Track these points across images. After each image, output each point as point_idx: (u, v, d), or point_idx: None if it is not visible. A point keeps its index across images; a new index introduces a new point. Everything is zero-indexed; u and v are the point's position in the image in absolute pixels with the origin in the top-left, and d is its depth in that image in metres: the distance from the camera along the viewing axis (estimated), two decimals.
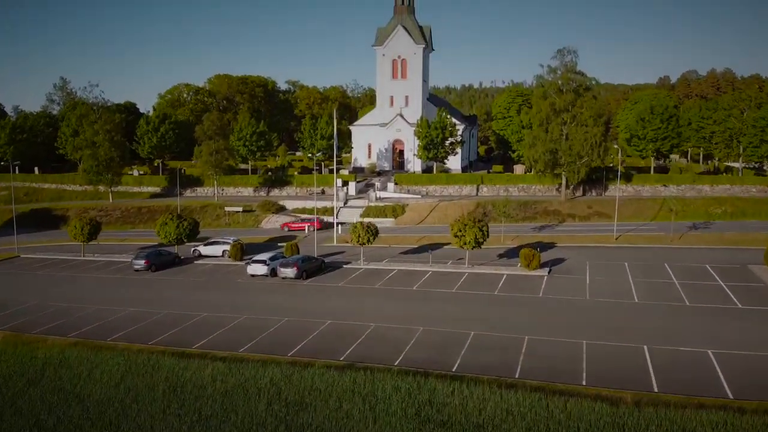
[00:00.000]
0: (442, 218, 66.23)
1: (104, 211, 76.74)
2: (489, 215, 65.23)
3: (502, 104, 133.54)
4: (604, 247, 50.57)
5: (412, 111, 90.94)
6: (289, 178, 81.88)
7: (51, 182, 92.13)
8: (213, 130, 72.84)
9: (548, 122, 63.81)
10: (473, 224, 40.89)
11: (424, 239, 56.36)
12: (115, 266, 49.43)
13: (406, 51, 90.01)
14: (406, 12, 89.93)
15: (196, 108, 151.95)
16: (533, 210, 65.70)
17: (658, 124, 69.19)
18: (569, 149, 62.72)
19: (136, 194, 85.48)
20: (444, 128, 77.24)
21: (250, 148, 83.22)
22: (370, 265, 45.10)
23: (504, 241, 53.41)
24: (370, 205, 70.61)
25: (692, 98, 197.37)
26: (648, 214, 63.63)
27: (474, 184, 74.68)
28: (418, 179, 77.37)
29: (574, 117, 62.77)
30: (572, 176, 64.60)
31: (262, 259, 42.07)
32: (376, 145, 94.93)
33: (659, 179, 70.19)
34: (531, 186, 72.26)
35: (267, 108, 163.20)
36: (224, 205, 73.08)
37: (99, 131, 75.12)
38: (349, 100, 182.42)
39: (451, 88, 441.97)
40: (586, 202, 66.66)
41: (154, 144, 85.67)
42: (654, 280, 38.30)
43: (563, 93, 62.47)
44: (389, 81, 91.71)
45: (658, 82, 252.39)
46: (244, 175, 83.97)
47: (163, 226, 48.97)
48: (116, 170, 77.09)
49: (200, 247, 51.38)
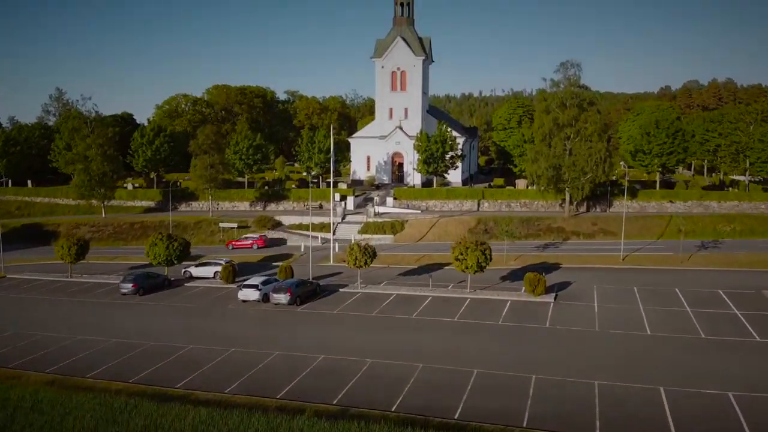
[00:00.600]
0: (443, 235, 64.46)
1: (96, 226, 74.93)
2: (490, 232, 63.50)
3: (502, 115, 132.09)
4: (610, 268, 48.72)
5: (412, 123, 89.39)
6: (287, 192, 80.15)
7: (44, 195, 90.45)
8: (208, 144, 71.17)
9: (551, 137, 62.13)
10: (475, 247, 39.06)
11: (424, 258, 54.52)
12: (103, 289, 47.53)
13: (406, 63, 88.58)
14: (406, 23, 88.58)
15: (194, 119, 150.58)
16: (536, 227, 63.87)
17: (664, 138, 67.49)
18: (573, 165, 61.02)
19: (129, 208, 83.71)
20: (444, 142, 75.60)
21: (247, 162, 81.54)
22: (367, 288, 43.22)
23: (507, 262, 51.55)
24: (368, 221, 68.80)
25: (694, 108, 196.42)
26: (654, 232, 61.82)
27: (475, 199, 72.91)
28: (417, 194, 75.64)
29: (578, 132, 61.11)
30: (576, 192, 62.86)
31: (254, 284, 40.20)
32: (375, 157, 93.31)
33: (665, 195, 68.42)
34: (533, 201, 70.50)
35: (266, 118, 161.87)
36: (219, 220, 71.25)
37: (91, 145, 73.46)
38: (348, 110, 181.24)
39: (451, 96, 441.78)
40: (591, 219, 64.86)
41: (149, 157, 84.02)
42: (665, 308, 36.43)
43: (567, 108, 60.82)
44: (388, 93, 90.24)
45: (659, 92, 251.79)
46: (240, 189, 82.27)
47: (152, 246, 47.16)
48: (109, 185, 75.34)
49: (191, 269, 49.51)
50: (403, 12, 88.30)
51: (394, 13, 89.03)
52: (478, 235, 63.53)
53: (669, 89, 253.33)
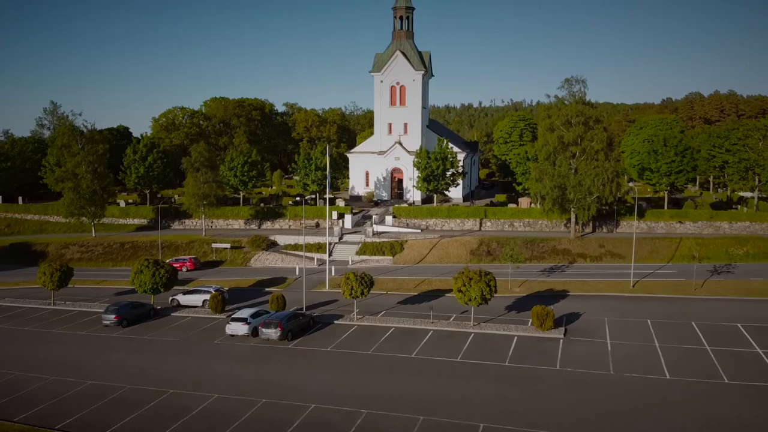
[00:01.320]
0: (444, 257, 62.05)
1: (85, 246, 72.48)
2: (493, 254, 61.10)
3: (504, 129, 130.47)
4: (621, 297, 46.26)
5: (412, 139, 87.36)
6: (282, 210, 77.78)
7: (34, 213, 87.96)
8: (201, 161, 68.89)
9: (555, 155, 59.90)
10: (479, 278, 36.65)
11: (424, 284, 52.08)
12: (85, 318, 45.00)
13: (405, 77, 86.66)
14: (405, 37, 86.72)
15: (191, 132, 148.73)
16: (540, 248, 61.45)
17: (672, 156, 65.21)
18: (579, 185, 58.71)
19: (121, 226, 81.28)
20: (445, 159, 73.39)
21: (242, 179, 79.27)
22: (364, 320, 40.76)
23: (511, 288, 49.12)
24: (366, 241, 66.39)
25: (696, 120, 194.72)
26: (664, 254, 59.39)
27: (477, 218, 70.55)
28: (417, 212, 73.31)
29: (583, 150, 58.85)
30: (582, 213, 60.51)
31: (243, 317, 37.72)
32: (374, 173, 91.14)
33: (674, 215, 66.04)
34: (537, 221, 68.13)
35: (264, 131, 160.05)
36: (212, 240, 68.87)
37: (81, 162, 71.22)
38: (347, 123, 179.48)
39: (451, 107, 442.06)
40: (597, 241, 62.45)
41: (142, 174, 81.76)
42: (683, 346, 33.96)
43: (572, 125, 58.63)
44: (387, 108, 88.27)
45: (661, 104, 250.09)
46: (235, 207, 79.90)
47: (137, 274, 44.73)
48: (99, 203, 72.96)
49: (179, 296, 47.02)
50: (403, 26, 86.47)
51: (394, 27, 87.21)
52: (481, 257, 61.21)
53: (671, 101, 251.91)
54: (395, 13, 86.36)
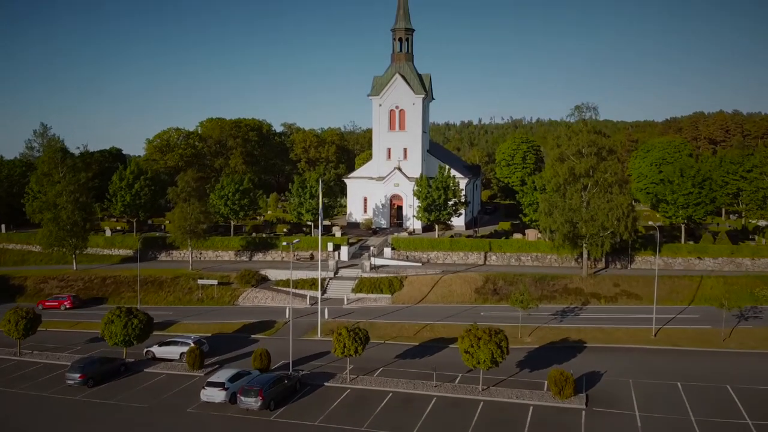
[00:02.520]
0: (446, 295, 57.68)
1: (65, 281, 68.09)
2: (500, 293, 56.75)
3: (506, 151, 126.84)
4: (643, 350, 41.89)
5: (411, 164, 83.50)
6: (275, 241, 73.51)
7: (16, 242, 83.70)
8: (188, 191, 64.78)
9: (566, 187, 55.82)
10: (489, 338, 32.34)
11: (426, 330, 47.68)
12: (50, 374, 40.40)
13: (405, 101, 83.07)
14: (405, 60, 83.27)
15: (186, 153, 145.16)
16: (551, 287, 57.10)
17: (689, 188, 61.12)
18: (591, 219, 54.56)
19: (105, 257, 76.92)
20: (446, 188, 69.34)
21: (233, 208, 75.13)
22: (358, 381, 36.29)
23: (521, 337, 44.75)
24: (363, 277, 62.08)
25: (701, 141, 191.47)
26: (684, 295, 55.03)
27: (481, 251, 66.23)
28: (418, 244, 69.01)
29: (596, 183, 54.80)
30: (595, 250, 56.29)
31: (220, 382, 33.28)
32: (373, 199, 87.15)
33: (692, 250, 61.78)
34: (546, 255, 63.84)
35: (261, 152, 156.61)
36: (198, 275, 64.52)
37: (62, 192, 67.15)
38: (346, 143, 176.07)
39: (451, 124, 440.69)
40: (611, 279, 58.11)
41: (128, 202, 77.66)
42: (722, 420, 29.63)
43: (584, 156, 54.66)
44: (386, 132, 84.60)
45: (665, 123, 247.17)
46: (225, 237, 75.64)
47: (108, 324, 40.39)
48: (80, 235, 68.73)
49: (154, 348, 42.53)
50: (402, 48, 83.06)
51: (393, 49, 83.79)
52: (486, 296, 56.84)
53: (675, 120, 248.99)
54: (394, 35, 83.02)
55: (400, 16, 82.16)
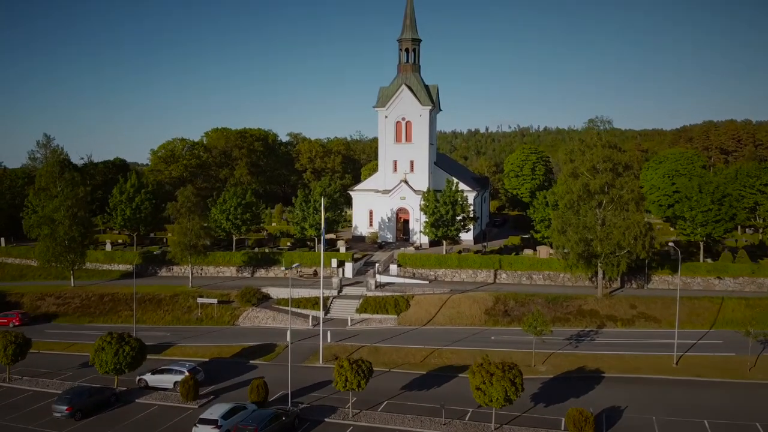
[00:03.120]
0: (455, 317, 55.28)
1: (62, 298, 66.24)
2: (511, 314, 54.34)
3: (515, 162, 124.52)
4: (665, 380, 39.39)
5: (418, 177, 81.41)
6: (278, 257, 71.41)
7: (15, 256, 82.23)
8: (188, 206, 62.90)
9: (580, 203, 53.43)
10: (502, 374, 29.99)
11: (434, 357, 45.32)
12: (39, 404, 38.37)
13: (412, 113, 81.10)
14: (411, 71, 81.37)
15: (191, 164, 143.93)
16: (564, 309, 54.62)
17: (708, 204, 58.57)
18: (607, 238, 52.13)
19: (105, 273, 75.12)
20: (455, 203, 67.09)
21: (235, 222, 73.19)
22: (361, 417, 33.98)
23: (535, 365, 42.34)
24: (368, 296, 59.84)
25: (712, 150, 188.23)
26: (705, 318, 52.40)
27: (491, 268, 63.84)
28: (425, 260, 66.68)
29: (612, 200, 52.40)
30: (611, 269, 53.82)
31: (213, 419, 31.09)
32: (378, 212, 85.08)
33: (712, 269, 59.12)
34: (558, 274, 61.38)
35: (267, 162, 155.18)
36: (198, 293, 62.52)
37: (60, 207, 65.45)
38: (352, 152, 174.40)
39: (458, 133, 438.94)
40: (628, 300, 55.55)
41: (128, 216, 75.91)
42: None
43: (599, 172, 52.33)
44: (392, 144, 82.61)
45: (676, 132, 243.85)
46: (227, 253, 73.63)
47: (98, 351, 38.37)
48: (78, 251, 66.93)
49: (147, 376, 40.43)
50: (409, 59, 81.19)
51: (399, 60, 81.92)
52: (497, 317, 54.42)
53: (686, 128, 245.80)
54: (401, 46, 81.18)
55: (406, 26, 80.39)
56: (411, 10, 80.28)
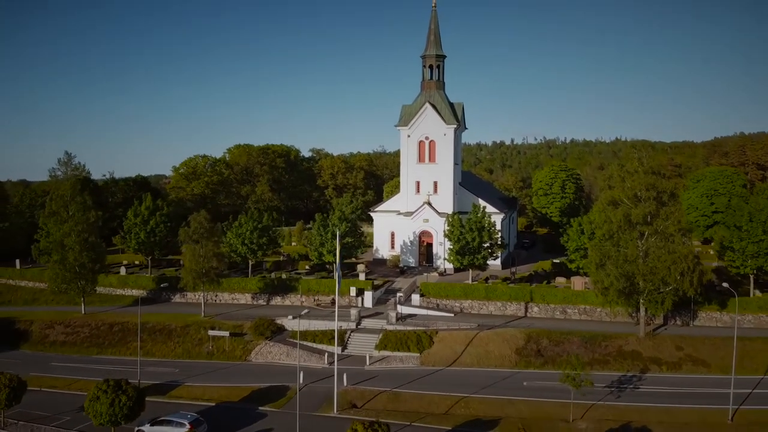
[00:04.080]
0: (483, 357, 50.98)
1: (71, 326, 63.77)
2: (545, 355, 49.88)
3: (543, 179, 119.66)
4: None
5: (442, 199, 77.69)
6: (294, 283, 68.06)
7: (29, 279, 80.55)
8: (200, 232, 60.06)
9: (620, 234, 48.85)
10: None
11: (460, 406, 41.18)
12: None
13: (435, 132, 77.56)
14: (435, 88, 77.90)
15: (212, 181, 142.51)
16: (604, 350, 49.87)
17: (760, 235, 53.42)
18: (651, 273, 47.44)
19: (118, 298, 72.77)
20: (482, 229, 62.94)
21: (251, 247, 70.21)
22: None
23: (573, 420, 37.89)
24: (388, 330, 55.95)
25: (749, 166, 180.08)
26: (759, 362, 47.11)
27: (521, 300, 59.36)
28: (449, 290, 62.53)
29: (656, 231, 47.72)
30: (654, 307, 49.04)
31: None
32: (400, 235, 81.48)
33: (763, 305, 53.80)
34: (595, 309, 56.65)
35: (289, 178, 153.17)
36: (210, 323, 59.48)
37: (70, 232, 63.26)
38: (375, 168, 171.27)
39: (482, 144, 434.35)
40: (673, 340, 50.56)
41: (142, 240, 73.58)
42: None
43: (641, 201, 47.77)
44: (415, 165, 79.15)
45: (709, 146, 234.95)
46: (242, 279, 70.61)
47: (92, 401, 35.26)
48: (89, 278, 64.56)
49: (146, 428, 37.23)
50: (432, 75, 77.76)
51: (423, 77, 78.54)
52: (529, 358, 49.98)
53: (718, 141, 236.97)
54: (424, 62, 77.80)
55: (430, 42, 77.04)
56: (435, 25, 76.95)
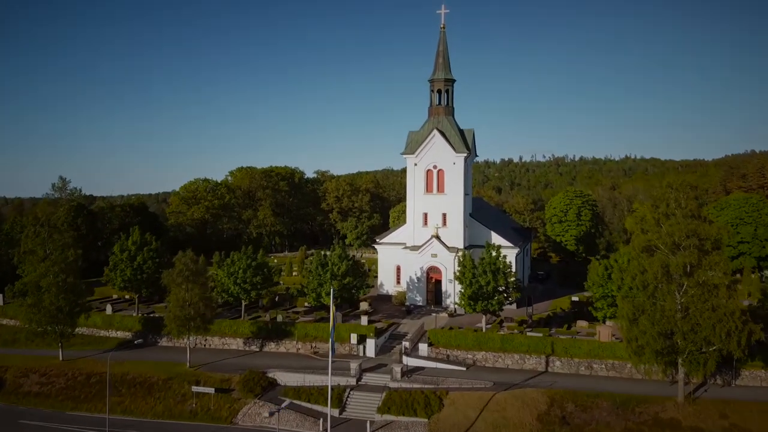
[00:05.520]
0: (500, 424, 44.73)
1: (47, 375, 58.16)
2: (571, 423, 43.61)
3: (558, 206, 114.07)
4: None
5: (452, 232, 72.08)
6: (290, 328, 62.26)
7: (11, 316, 75.20)
8: (185, 274, 54.58)
9: (657, 285, 42.77)
10: None
11: None
12: None
13: (444, 161, 72.14)
14: (444, 113, 72.61)
15: (213, 205, 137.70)
16: (637, 417, 43.55)
17: None
18: (692, 331, 41.32)
19: (101, 341, 67.23)
20: (497, 272, 56.98)
21: (243, 287, 64.59)
22: None
23: None
24: (392, 389, 49.87)
25: None
26: None
27: (541, 354, 53.14)
28: (461, 339, 56.42)
29: (698, 283, 41.65)
30: (695, 368, 42.81)
31: None
32: (407, 269, 75.83)
33: None
34: (625, 364, 50.37)
35: (293, 201, 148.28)
36: (194, 377, 53.74)
37: (47, 272, 58.03)
38: (381, 190, 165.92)
39: (490, 162, 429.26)
40: (715, 405, 44.17)
41: (128, 277, 68.20)
42: None
43: (680, 249, 41.78)
44: (422, 195, 73.64)
45: (722, 166, 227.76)
46: (234, 321, 64.86)
47: None
48: (66, 322, 59.12)
49: None
50: (441, 100, 72.51)
51: (430, 102, 73.31)
52: (553, 427, 43.73)
53: (730, 160, 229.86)
54: (432, 86, 72.61)
55: (439, 65, 71.87)
56: (444, 47, 71.84)
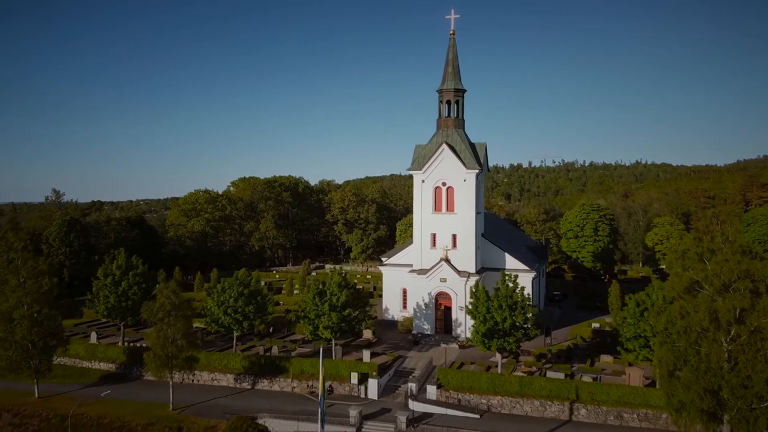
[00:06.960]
0: None
1: (21, 415, 53.06)
2: None
3: (573, 220, 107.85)
4: None
5: (462, 255, 66.36)
6: (285, 363, 56.78)
7: None
8: (167, 308, 49.26)
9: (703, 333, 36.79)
10: None
11: None
12: None
13: (454, 177, 66.46)
14: (453, 126, 66.98)
15: (213, 217, 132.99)
16: None
17: None
18: (742, 386, 35.32)
19: (83, 372, 62.16)
20: (514, 306, 51.09)
21: (234, 317, 59.19)
22: None
23: None
24: None
25: None
26: None
27: (564, 400, 47.18)
28: (474, 380, 50.53)
29: (750, 331, 35.67)
30: (744, 426, 36.74)
31: None
32: (413, 294, 70.25)
33: None
34: (659, 414, 44.38)
35: (297, 211, 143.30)
36: (177, 422, 48.37)
37: (20, 303, 52.95)
38: (388, 200, 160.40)
39: (500, 167, 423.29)
40: None
41: (112, 304, 63.07)
42: None
43: (730, 291, 35.83)
44: (430, 215, 67.99)
45: (734, 169, 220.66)
46: (224, 354, 59.49)
47: None
48: (42, 357, 53.99)
49: None
50: (450, 112, 66.92)
51: (439, 113, 67.73)
52: None
53: (743, 165, 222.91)
54: (441, 97, 67.05)
55: (448, 74, 66.25)
56: (454, 56, 66.16)
